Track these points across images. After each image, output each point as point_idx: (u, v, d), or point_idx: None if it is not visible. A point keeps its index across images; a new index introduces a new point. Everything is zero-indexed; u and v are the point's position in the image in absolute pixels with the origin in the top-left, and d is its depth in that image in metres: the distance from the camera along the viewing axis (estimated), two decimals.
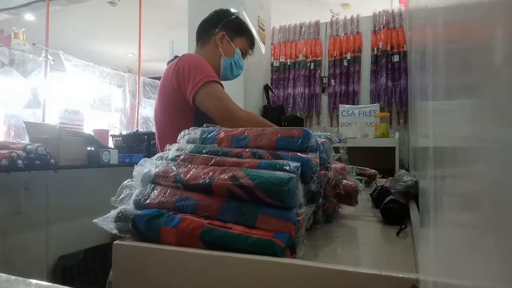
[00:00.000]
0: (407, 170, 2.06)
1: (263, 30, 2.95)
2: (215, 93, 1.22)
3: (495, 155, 0.18)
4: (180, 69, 1.25)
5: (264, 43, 2.99)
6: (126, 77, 5.99)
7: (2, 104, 4.71)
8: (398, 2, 3.83)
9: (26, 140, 2.53)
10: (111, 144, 2.98)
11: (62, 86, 5.00)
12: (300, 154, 0.73)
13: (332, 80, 3.25)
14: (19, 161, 1.88)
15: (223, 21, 1.41)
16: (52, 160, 2.06)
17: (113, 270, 0.68)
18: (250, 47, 1.48)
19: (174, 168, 0.75)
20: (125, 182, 0.77)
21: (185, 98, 1.25)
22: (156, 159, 0.82)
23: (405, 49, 2.98)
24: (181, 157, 0.80)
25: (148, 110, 6.13)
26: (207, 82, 1.21)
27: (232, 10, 1.44)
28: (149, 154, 2.54)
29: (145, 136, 2.84)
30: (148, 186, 0.75)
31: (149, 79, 6.36)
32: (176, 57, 1.41)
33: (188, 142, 0.89)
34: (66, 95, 4.95)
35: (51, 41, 4.18)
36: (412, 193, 1.11)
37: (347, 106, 2.95)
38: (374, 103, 2.99)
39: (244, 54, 1.47)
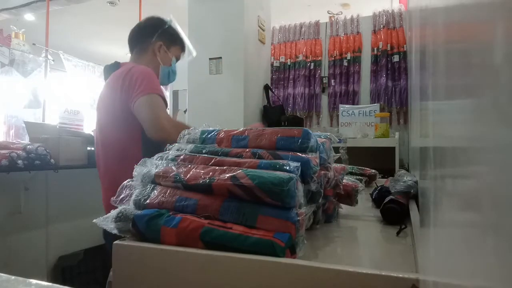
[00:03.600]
0: (407, 170, 2.06)
1: (263, 30, 2.95)
2: (154, 104, 1.24)
3: (495, 155, 0.18)
4: (133, 80, 1.27)
5: (264, 43, 3.00)
6: None
7: (2, 104, 4.71)
8: (398, 2, 3.83)
9: (26, 140, 2.53)
10: None
11: (62, 86, 5.00)
12: (300, 154, 0.73)
13: (332, 80, 3.25)
14: (19, 161, 1.88)
15: (158, 30, 1.46)
16: (52, 160, 2.06)
17: (113, 270, 0.68)
18: (182, 53, 1.56)
19: (174, 168, 0.75)
20: (125, 182, 0.77)
21: (129, 106, 1.26)
22: (156, 159, 0.82)
23: (405, 49, 2.98)
24: (181, 157, 0.80)
25: None
26: (151, 93, 1.25)
27: (165, 19, 1.50)
28: None
29: None
30: (148, 186, 0.75)
31: None
32: (116, 63, 1.42)
33: (188, 142, 0.89)
34: (66, 95, 4.95)
35: (51, 41, 4.18)
36: (412, 193, 1.11)
37: (347, 106, 2.95)
38: (374, 103, 2.99)
39: (177, 60, 1.55)
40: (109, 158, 1.35)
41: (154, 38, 1.45)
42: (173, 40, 1.50)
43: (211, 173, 0.69)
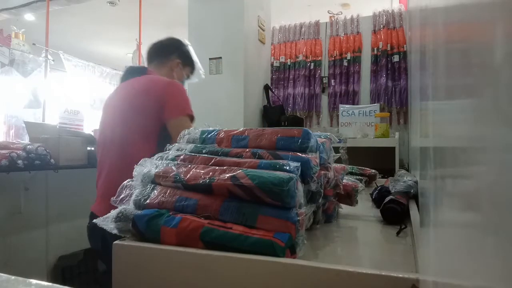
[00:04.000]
0: (407, 170, 2.06)
1: (263, 30, 2.96)
2: (186, 126, 1.37)
3: (495, 155, 0.18)
4: (173, 96, 1.42)
5: (264, 43, 3.00)
6: None
7: (2, 104, 4.71)
8: (398, 2, 3.83)
9: (26, 140, 2.53)
10: None
11: (62, 86, 5.00)
12: (300, 154, 0.73)
13: (332, 80, 3.25)
14: (19, 161, 1.88)
15: (178, 50, 1.67)
16: (52, 160, 2.06)
17: (113, 270, 0.68)
18: (191, 74, 1.75)
19: (174, 168, 0.75)
20: (125, 182, 0.77)
21: (160, 114, 1.38)
22: (156, 159, 0.82)
23: (405, 49, 2.98)
24: (181, 157, 0.80)
25: None
26: (188, 115, 1.41)
27: (185, 41, 1.72)
28: None
29: None
30: (148, 186, 0.75)
31: None
32: (144, 68, 1.59)
33: (188, 142, 0.89)
34: (66, 95, 4.95)
35: (51, 41, 4.18)
36: (412, 193, 1.11)
37: (347, 106, 2.95)
38: (374, 103, 2.98)
39: (186, 79, 1.75)
40: (124, 156, 1.38)
41: (174, 56, 1.64)
42: (188, 61, 1.70)
43: (211, 173, 0.69)
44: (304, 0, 4.72)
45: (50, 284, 0.45)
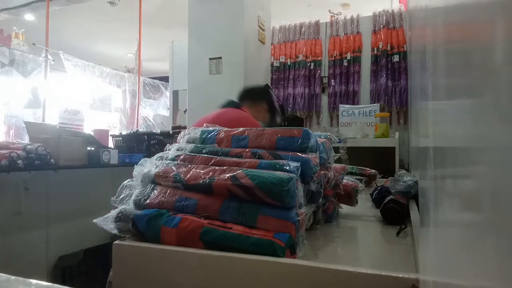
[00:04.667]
0: (407, 170, 2.06)
1: (263, 30, 2.95)
2: None
3: (495, 155, 0.18)
4: (241, 123, 1.60)
5: (264, 43, 3.00)
6: (126, 77, 5.98)
7: (2, 104, 4.71)
8: (398, 2, 3.83)
9: (26, 140, 2.53)
10: (111, 144, 2.98)
11: (62, 86, 5.00)
12: (300, 154, 0.73)
13: (332, 80, 3.25)
14: (19, 161, 1.88)
15: (267, 96, 2.02)
16: (52, 160, 2.05)
17: (113, 270, 0.68)
18: (272, 117, 2.06)
19: (174, 168, 0.74)
20: (125, 182, 0.77)
21: None
22: (156, 159, 0.82)
23: (405, 49, 2.98)
24: (181, 157, 0.80)
25: (148, 110, 6.12)
26: None
27: (272, 91, 2.10)
28: (149, 154, 2.54)
29: (145, 136, 2.84)
30: (148, 186, 0.75)
31: (149, 79, 6.36)
32: (239, 104, 1.91)
33: (188, 142, 0.89)
34: (66, 95, 4.95)
35: (51, 41, 4.18)
36: (412, 193, 1.11)
37: (347, 106, 2.95)
38: (374, 103, 2.98)
39: (267, 121, 2.04)
40: None
41: (263, 100, 1.99)
42: (272, 109, 2.02)
43: (211, 173, 0.69)
44: (304, 0, 4.72)
45: (50, 284, 0.45)
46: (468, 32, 0.25)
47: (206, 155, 0.80)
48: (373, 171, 1.76)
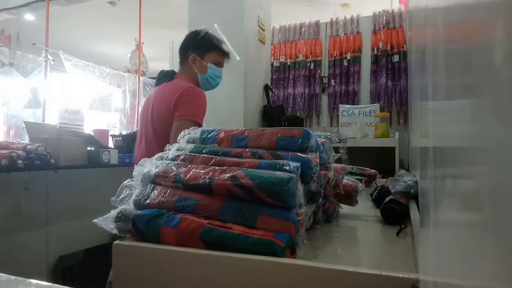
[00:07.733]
0: (407, 170, 2.06)
1: (263, 30, 2.95)
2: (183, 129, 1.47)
3: (495, 155, 0.18)
4: (182, 101, 1.46)
5: (264, 43, 2.99)
6: (126, 77, 5.98)
7: (2, 104, 4.71)
8: (398, 2, 3.83)
9: (26, 140, 2.53)
10: (111, 144, 2.98)
11: (62, 86, 5.00)
12: (300, 154, 0.73)
13: (332, 80, 3.25)
14: (19, 161, 1.88)
15: (192, 44, 1.62)
16: (52, 160, 2.05)
17: (113, 270, 0.68)
18: (222, 57, 1.68)
19: (174, 168, 0.74)
20: (125, 182, 0.77)
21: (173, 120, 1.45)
22: (156, 159, 0.82)
23: (405, 49, 2.98)
24: (181, 157, 0.80)
25: None
26: (191, 120, 1.42)
27: (200, 29, 1.63)
28: None
29: None
30: (148, 186, 0.75)
31: (149, 79, 6.36)
32: (172, 72, 1.61)
33: (188, 142, 0.89)
34: (66, 95, 4.95)
35: (51, 41, 4.17)
36: (412, 193, 1.11)
37: (347, 106, 2.95)
38: (374, 103, 2.98)
39: (218, 65, 1.67)
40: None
41: (189, 52, 1.61)
42: (206, 49, 1.62)
43: (211, 173, 0.69)
44: (304, 0, 4.72)
45: (50, 284, 0.45)
46: (468, 32, 0.25)
47: (206, 155, 0.80)
48: (373, 171, 1.76)
